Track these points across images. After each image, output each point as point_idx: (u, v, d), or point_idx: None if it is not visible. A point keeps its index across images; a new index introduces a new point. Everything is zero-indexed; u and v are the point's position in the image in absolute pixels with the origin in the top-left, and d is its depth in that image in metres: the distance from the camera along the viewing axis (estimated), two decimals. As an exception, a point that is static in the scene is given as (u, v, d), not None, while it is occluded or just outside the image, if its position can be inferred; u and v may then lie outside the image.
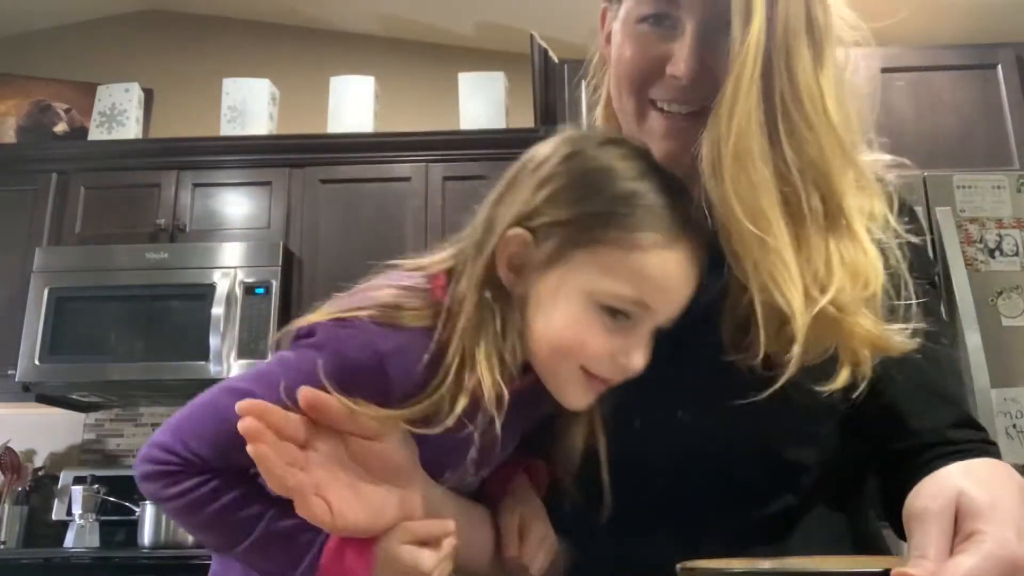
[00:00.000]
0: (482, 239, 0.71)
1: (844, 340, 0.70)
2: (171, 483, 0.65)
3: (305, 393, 0.62)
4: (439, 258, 0.74)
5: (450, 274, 0.72)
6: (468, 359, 0.66)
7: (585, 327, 0.68)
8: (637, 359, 0.69)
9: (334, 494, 0.62)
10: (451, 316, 0.68)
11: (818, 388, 0.69)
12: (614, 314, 0.67)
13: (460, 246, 0.74)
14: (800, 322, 0.67)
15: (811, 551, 0.70)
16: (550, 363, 0.70)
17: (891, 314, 0.72)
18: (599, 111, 0.89)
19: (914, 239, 0.78)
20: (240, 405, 0.59)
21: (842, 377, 0.70)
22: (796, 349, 0.68)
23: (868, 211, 0.75)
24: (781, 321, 0.69)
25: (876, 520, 0.86)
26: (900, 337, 0.71)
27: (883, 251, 0.74)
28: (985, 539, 0.54)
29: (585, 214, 0.67)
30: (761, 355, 0.69)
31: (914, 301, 0.73)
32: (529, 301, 0.69)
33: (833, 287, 0.69)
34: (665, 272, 0.67)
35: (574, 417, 0.74)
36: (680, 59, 0.72)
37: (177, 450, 0.65)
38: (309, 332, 0.68)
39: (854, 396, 0.71)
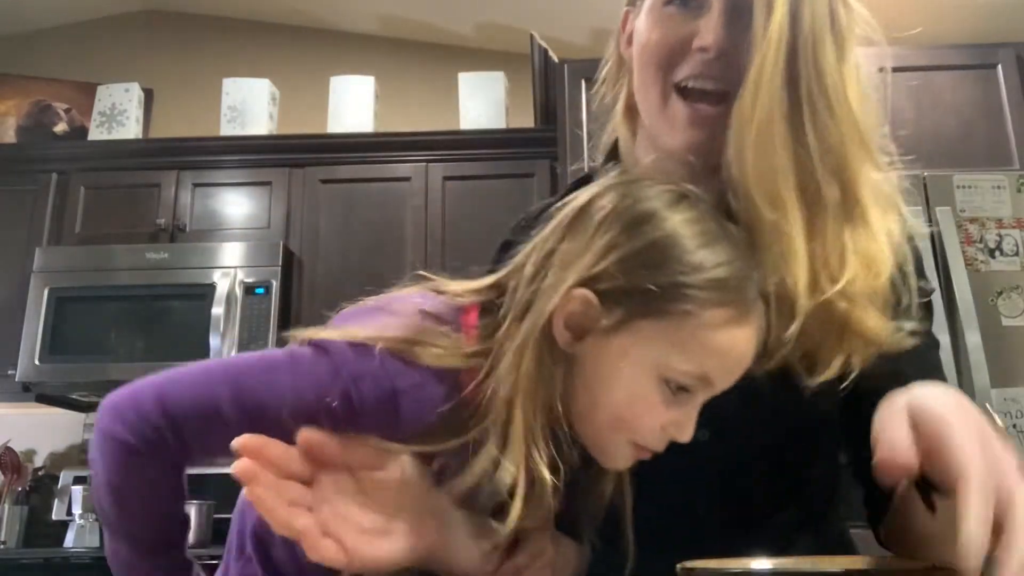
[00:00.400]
0: (536, 291, 0.65)
1: (847, 331, 0.70)
2: (129, 458, 0.61)
3: (305, 437, 0.59)
4: (473, 287, 0.69)
5: (483, 310, 0.67)
6: (510, 413, 0.62)
7: (645, 401, 0.64)
8: (687, 432, 0.66)
9: (347, 532, 0.60)
10: (485, 357, 0.64)
11: (811, 380, 0.70)
12: (675, 387, 0.64)
13: (498, 280, 0.68)
14: (802, 302, 0.68)
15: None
16: (600, 431, 0.66)
17: (893, 310, 0.72)
18: (617, 116, 0.89)
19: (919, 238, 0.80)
20: (236, 442, 0.57)
21: (834, 367, 0.70)
22: (793, 327, 0.68)
23: (882, 204, 0.75)
24: (792, 313, 0.69)
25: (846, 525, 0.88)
26: (900, 335, 0.71)
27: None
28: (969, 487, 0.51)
29: (655, 285, 0.62)
30: (777, 362, 0.70)
31: (915, 301, 0.74)
32: (585, 365, 0.65)
33: (845, 277, 0.69)
34: (735, 349, 0.64)
35: (604, 472, 0.71)
36: (708, 31, 0.73)
37: (153, 419, 0.60)
38: (323, 347, 0.63)
39: (840, 388, 0.71)
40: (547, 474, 0.62)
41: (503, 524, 0.64)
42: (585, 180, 0.91)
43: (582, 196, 0.68)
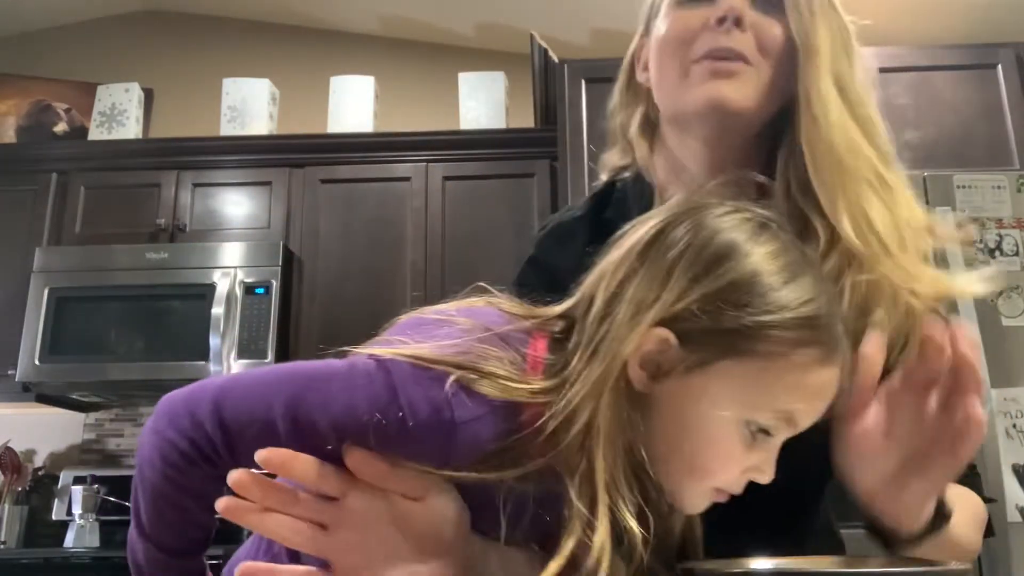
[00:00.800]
0: (610, 328, 0.61)
1: (929, 286, 0.72)
2: (177, 461, 0.60)
3: (353, 454, 0.58)
4: (540, 313, 0.65)
5: (552, 341, 0.63)
6: (590, 463, 0.58)
7: (726, 445, 0.61)
8: (768, 475, 0.62)
9: (356, 557, 0.60)
10: (554, 394, 0.60)
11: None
12: (757, 429, 0.60)
13: (566, 311, 0.65)
14: (896, 258, 0.71)
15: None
16: (679, 477, 0.62)
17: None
18: (635, 133, 0.90)
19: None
20: (260, 455, 0.57)
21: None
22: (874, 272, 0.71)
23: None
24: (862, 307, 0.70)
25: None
26: (968, 281, 0.74)
27: None
28: None
29: (740, 325, 0.59)
30: None
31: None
32: (662, 408, 0.61)
33: (910, 247, 0.73)
34: (821, 389, 0.61)
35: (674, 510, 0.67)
36: (727, 3, 0.77)
37: (207, 428, 0.59)
38: (383, 363, 0.60)
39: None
40: (636, 526, 0.58)
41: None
42: (607, 192, 0.92)
43: (652, 223, 0.64)
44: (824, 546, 0.85)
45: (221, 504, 0.59)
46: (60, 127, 3.38)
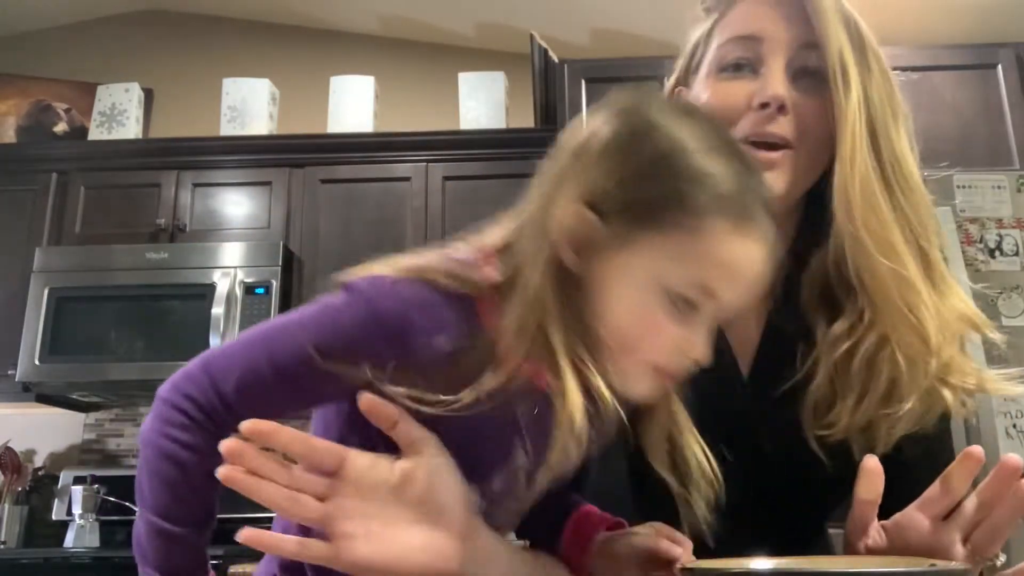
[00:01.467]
0: (544, 216, 0.65)
1: (956, 385, 0.76)
2: (185, 427, 0.64)
3: (361, 395, 0.61)
4: (491, 235, 0.69)
5: (502, 252, 0.67)
6: (547, 340, 0.62)
7: (650, 317, 0.64)
8: (701, 349, 0.65)
9: (353, 524, 0.60)
10: (505, 288, 0.64)
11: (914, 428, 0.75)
12: (680, 302, 0.63)
13: (515, 223, 0.69)
14: (937, 350, 0.73)
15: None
16: (615, 354, 0.65)
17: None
18: None
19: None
20: (244, 426, 0.59)
21: (953, 404, 0.76)
22: (928, 374, 0.73)
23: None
24: (922, 368, 0.73)
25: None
26: (1001, 380, 0.78)
27: None
28: None
29: (653, 196, 0.62)
30: (841, 431, 0.75)
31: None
32: (592, 285, 0.65)
33: (952, 333, 0.75)
34: (736, 261, 0.63)
35: (650, 411, 0.71)
36: (771, 85, 0.77)
37: (202, 388, 0.64)
38: (346, 285, 0.66)
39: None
40: (606, 389, 0.62)
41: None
42: None
43: (589, 124, 0.67)
44: (814, 546, 0.86)
45: (221, 471, 0.60)
46: (60, 127, 3.38)
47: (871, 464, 0.67)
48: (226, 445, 0.59)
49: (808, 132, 0.77)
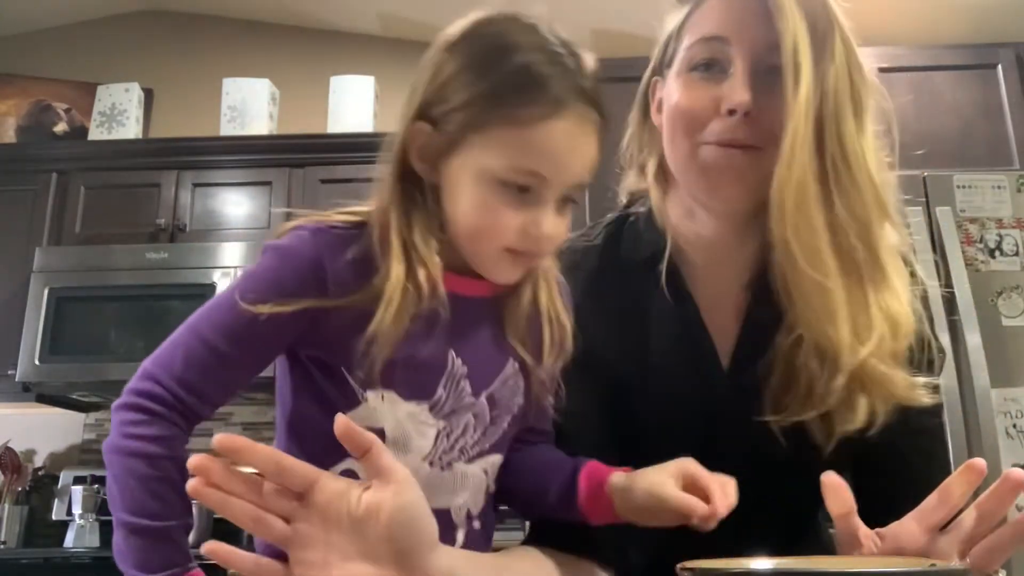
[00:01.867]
0: (393, 137, 0.76)
1: (878, 391, 0.75)
2: (143, 422, 0.68)
3: (338, 421, 0.61)
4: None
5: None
6: (398, 244, 0.72)
7: (489, 205, 0.71)
8: (546, 226, 0.71)
9: (312, 552, 0.61)
10: (379, 212, 0.75)
11: (838, 430, 0.76)
12: (515, 189, 0.70)
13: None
14: (846, 359, 0.73)
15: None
16: (471, 245, 0.74)
17: (911, 370, 0.78)
18: (650, 178, 0.92)
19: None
20: (216, 440, 0.59)
21: (860, 417, 0.75)
22: (839, 380, 0.74)
23: (898, 264, 0.80)
24: (830, 373, 0.75)
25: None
26: (924, 392, 0.76)
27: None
28: None
29: (474, 96, 0.70)
30: (794, 416, 0.76)
31: (936, 363, 0.81)
32: (446, 190, 0.74)
33: (874, 337, 0.74)
34: (552, 141, 0.70)
35: (515, 292, 0.79)
36: (735, 92, 0.77)
37: (158, 377, 0.70)
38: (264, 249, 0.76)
39: (867, 434, 0.76)
40: (423, 278, 0.71)
41: None
42: (622, 220, 0.93)
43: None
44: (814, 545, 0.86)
45: (189, 485, 0.60)
46: (60, 127, 3.38)
47: (831, 480, 0.67)
48: (193, 460, 0.59)
49: (777, 132, 0.77)
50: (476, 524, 0.79)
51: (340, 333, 0.71)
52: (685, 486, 0.71)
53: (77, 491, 2.80)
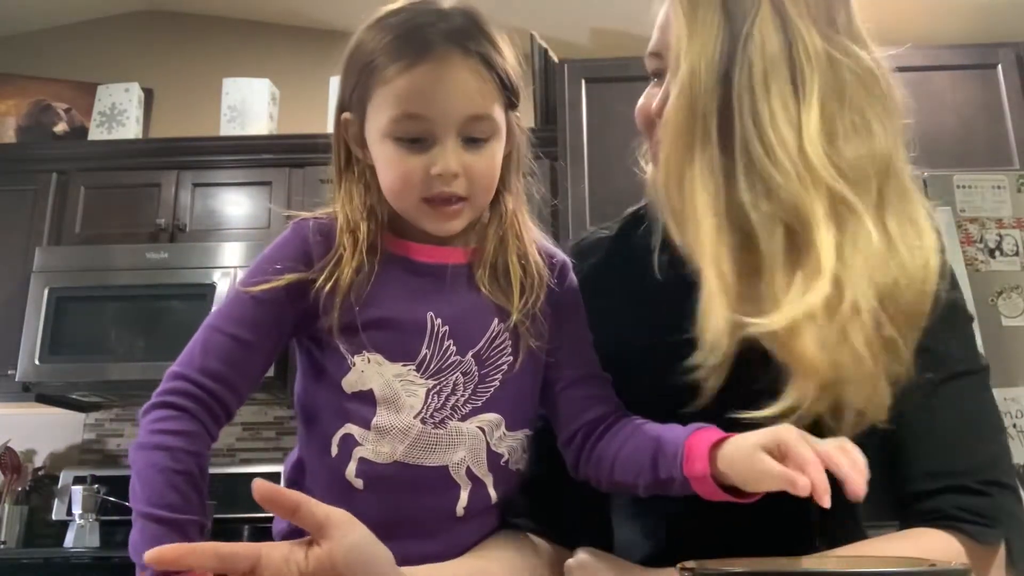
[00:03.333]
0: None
1: (792, 355, 0.72)
2: (168, 417, 0.74)
3: (260, 488, 0.61)
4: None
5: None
6: (343, 219, 0.83)
7: (393, 162, 0.80)
8: (442, 163, 0.78)
9: None
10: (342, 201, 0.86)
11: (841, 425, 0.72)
12: (407, 141, 0.78)
13: None
14: (722, 340, 0.72)
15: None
16: (398, 205, 0.82)
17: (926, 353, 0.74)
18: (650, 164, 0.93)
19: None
20: (150, 555, 0.58)
21: (789, 399, 0.72)
22: (712, 359, 0.73)
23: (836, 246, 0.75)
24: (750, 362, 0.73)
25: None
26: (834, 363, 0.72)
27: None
28: None
29: (360, 74, 0.81)
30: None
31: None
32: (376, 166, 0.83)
33: (775, 318, 0.71)
34: (417, 83, 0.77)
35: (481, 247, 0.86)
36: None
37: (181, 373, 0.77)
38: None
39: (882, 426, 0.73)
40: (363, 226, 0.81)
41: None
42: (636, 214, 0.94)
43: None
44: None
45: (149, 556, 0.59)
46: (60, 127, 3.38)
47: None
48: (154, 555, 0.58)
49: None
50: (490, 491, 0.82)
51: (324, 302, 0.79)
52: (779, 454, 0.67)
53: (77, 491, 2.80)
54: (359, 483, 0.78)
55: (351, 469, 0.78)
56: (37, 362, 2.74)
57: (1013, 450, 0.89)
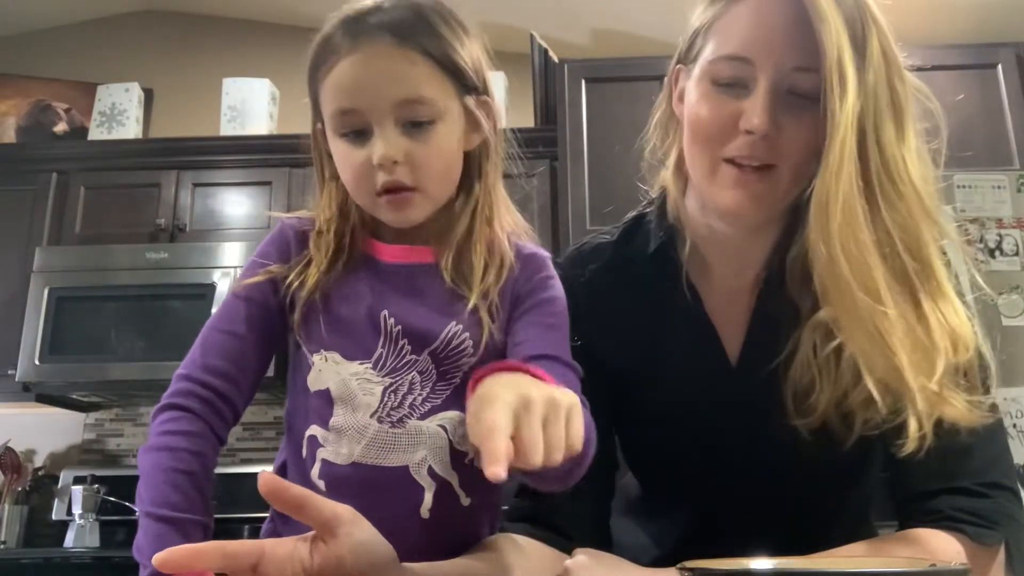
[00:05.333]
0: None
1: (937, 410, 0.71)
2: (173, 419, 0.77)
3: (267, 482, 0.62)
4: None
5: None
6: (320, 224, 0.85)
7: (343, 159, 0.82)
8: (379, 150, 0.79)
9: None
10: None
11: (891, 450, 0.73)
12: (351, 136, 0.80)
13: None
14: (911, 384, 0.69)
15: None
16: (358, 201, 0.84)
17: (967, 382, 0.75)
18: (670, 171, 0.92)
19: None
20: (158, 559, 0.58)
21: (912, 439, 0.71)
22: (913, 423, 0.71)
23: (948, 276, 0.77)
24: (843, 384, 0.74)
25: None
26: (979, 413, 0.74)
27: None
28: None
29: (310, 82, 0.85)
30: (818, 420, 0.75)
31: (992, 375, 0.76)
32: None
33: (942, 355, 0.70)
34: (346, 75, 0.80)
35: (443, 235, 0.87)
36: (753, 114, 0.76)
37: (185, 373, 0.80)
38: None
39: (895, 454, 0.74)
40: (332, 227, 0.84)
41: None
42: (641, 216, 0.94)
43: None
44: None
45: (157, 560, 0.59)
46: (60, 127, 3.38)
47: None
48: (162, 558, 0.58)
49: (793, 152, 0.76)
50: (458, 491, 0.80)
51: (292, 300, 0.83)
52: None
53: (77, 491, 2.79)
54: (321, 484, 0.77)
55: (315, 471, 0.78)
56: (37, 362, 2.74)
57: (1013, 450, 0.89)
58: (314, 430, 0.79)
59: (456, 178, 0.85)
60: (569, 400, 0.61)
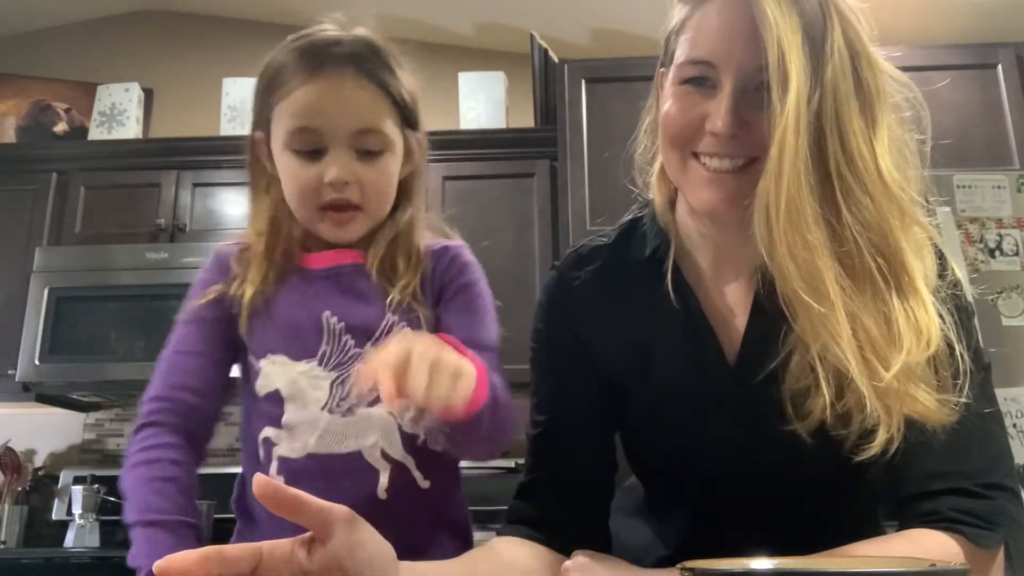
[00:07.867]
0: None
1: (898, 408, 0.71)
2: (147, 436, 0.83)
3: (262, 485, 0.62)
4: None
5: None
6: (252, 231, 0.92)
7: (292, 173, 0.88)
8: (331, 172, 0.86)
9: None
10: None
11: (856, 457, 0.72)
12: (304, 154, 0.87)
13: None
14: (860, 382, 0.69)
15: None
16: (299, 213, 0.90)
17: (938, 380, 0.73)
18: (654, 177, 0.93)
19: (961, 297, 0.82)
20: (159, 566, 0.57)
21: (879, 442, 0.71)
22: (869, 408, 0.69)
23: (923, 271, 0.75)
24: (839, 386, 0.71)
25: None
26: (947, 410, 0.72)
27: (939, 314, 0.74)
28: None
29: (263, 94, 0.90)
30: (816, 423, 0.73)
31: (965, 369, 0.74)
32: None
33: (899, 358, 0.69)
34: (308, 96, 0.87)
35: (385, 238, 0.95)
36: (717, 116, 0.76)
37: (151, 395, 0.86)
38: None
39: (888, 456, 0.73)
40: (264, 241, 0.92)
41: None
42: (637, 219, 0.94)
43: None
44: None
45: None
46: (60, 127, 3.38)
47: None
48: (162, 566, 0.57)
49: (769, 141, 0.74)
50: (415, 474, 0.87)
51: (235, 314, 0.89)
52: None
53: (77, 491, 2.80)
54: (280, 480, 0.80)
55: (273, 469, 0.84)
56: (37, 362, 2.74)
57: (1013, 450, 0.89)
58: (267, 432, 0.85)
59: (392, 200, 0.93)
60: (460, 363, 0.68)
